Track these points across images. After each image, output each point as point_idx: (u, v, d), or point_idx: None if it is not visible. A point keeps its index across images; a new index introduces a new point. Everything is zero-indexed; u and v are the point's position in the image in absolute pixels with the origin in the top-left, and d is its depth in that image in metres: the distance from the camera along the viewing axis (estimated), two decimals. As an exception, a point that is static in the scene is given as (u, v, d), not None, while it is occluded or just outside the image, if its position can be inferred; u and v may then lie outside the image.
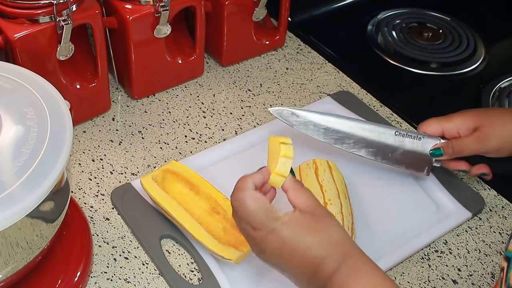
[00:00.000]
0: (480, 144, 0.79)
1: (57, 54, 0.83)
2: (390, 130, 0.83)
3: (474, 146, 0.79)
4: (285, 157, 0.63)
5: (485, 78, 1.09)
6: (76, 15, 0.82)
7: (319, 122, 0.83)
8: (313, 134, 0.83)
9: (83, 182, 0.85)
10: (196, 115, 0.97)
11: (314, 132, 0.83)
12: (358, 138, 0.83)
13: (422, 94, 1.08)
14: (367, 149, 0.83)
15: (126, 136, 0.92)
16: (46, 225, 0.62)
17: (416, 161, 0.83)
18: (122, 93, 0.99)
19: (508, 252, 0.56)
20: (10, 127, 0.61)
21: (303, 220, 0.60)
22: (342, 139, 0.83)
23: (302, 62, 1.09)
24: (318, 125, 0.83)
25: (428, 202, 0.85)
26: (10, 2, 0.79)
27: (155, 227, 0.78)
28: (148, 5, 0.89)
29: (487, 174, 0.83)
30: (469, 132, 0.80)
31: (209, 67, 1.06)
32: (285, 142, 0.64)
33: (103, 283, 0.74)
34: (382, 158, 0.84)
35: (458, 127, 0.80)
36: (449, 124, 0.81)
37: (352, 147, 0.83)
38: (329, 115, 0.83)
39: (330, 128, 0.83)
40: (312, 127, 0.83)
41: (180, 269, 0.76)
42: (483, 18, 1.26)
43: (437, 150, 0.82)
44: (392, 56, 1.13)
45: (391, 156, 0.84)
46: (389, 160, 0.84)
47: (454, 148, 0.80)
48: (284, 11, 1.06)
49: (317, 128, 0.83)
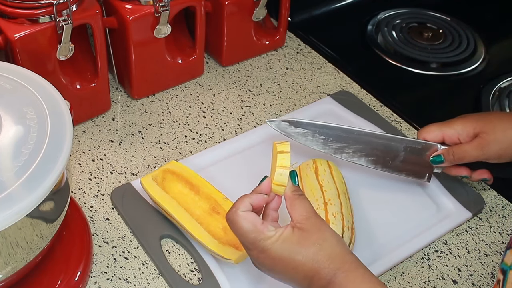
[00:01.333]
0: (481, 151, 0.78)
1: (57, 54, 0.83)
2: (390, 138, 0.82)
3: (475, 153, 0.78)
4: (281, 168, 0.64)
5: (485, 78, 1.09)
6: (76, 15, 0.82)
7: (318, 133, 0.82)
8: (311, 144, 0.83)
9: (83, 182, 0.85)
10: (196, 115, 0.97)
11: (313, 142, 0.82)
12: (358, 148, 0.82)
13: (422, 94, 1.08)
14: (367, 158, 0.83)
15: (126, 136, 0.92)
16: (46, 225, 0.62)
17: (417, 168, 0.83)
18: (122, 93, 0.99)
19: (504, 265, 0.55)
20: (10, 127, 0.61)
21: (292, 237, 0.61)
22: (342, 149, 0.83)
23: (302, 62, 1.09)
24: (316, 136, 0.82)
25: (428, 202, 0.85)
26: (10, 2, 0.79)
27: (155, 227, 0.78)
28: (148, 5, 0.89)
29: (488, 180, 0.83)
30: (470, 138, 0.79)
31: (209, 67, 1.06)
32: (283, 151, 0.65)
33: (103, 283, 0.74)
34: (382, 166, 0.83)
35: (458, 133, 0.80)
36: (450, 130, 0.80)
37: (351, 157, 0.83)
38: (327, 125, 0.82)
39: (329, 138, 0.82)
40: (310, 137, 0.82)
41: (180, 269, 0.76)
42: (483, 18, 1.26)
43: (438, 157, 0.81)
44: (392, 56, 1.13)
45: (391, 164, 0.83)
46: (390, 168, 0.84)
47: (455, 155, 0.79)
48: (284, 11, 1.06)
49: (316, 139, 0.82)
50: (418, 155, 0.82)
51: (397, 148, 0.82)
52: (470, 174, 0.82)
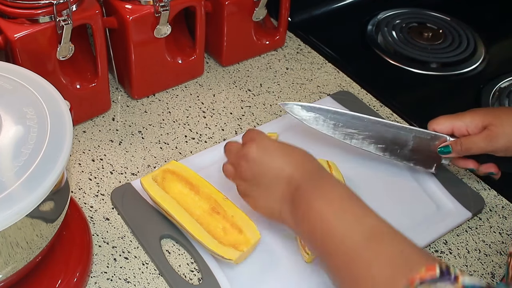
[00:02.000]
0: (488, 143, 0.79)
1: (57, 54, 0.83)
2: (400, 127, 0.84)
3: (482, 144, 0.79)
4: None
5: (485, 78, 1.09)
6: (76, 15, 0.82)
7: (329, 118, 0.84)
8: (322, 129, 0.84)
9: (83, 182, 0.85)
10: (196, 115, 0.97)
11: (324, 127, 0.84)
12: (368, 135, 0.84)
13: (422, 94, 1.08)
14: (376, 145, 0.84)
15: (126, 136, 0.92)
16: (46, 225, 0.62)
17: (425, 158, 0.84)
18: (122, 93, 0.99)
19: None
20: (10, 127, 0.61)
21: (270, 144, 0.71)
22: (351, 135, 0.84)
23: (302, 62, 1.09)
24: (327, 121, 0.84)
25: (428, 202, 0.85)
26: (10, 2, 0.79)
27: (155, 227, 0.78)
28: (148, 5, 0.89)
29: (495, 173, 0.84)
30: (478, 131, 0.80)
31: (209, 67, 1.06)
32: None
33: (103, 283, 0.74)
34: (390, 154, 0.85)
35: (467, 125, 0.81)
36: (459, 122, 0.82)
37: (361, 143, 0.84)
38: (338, 111, 0.84)
39: (339, 124, 0.84)
40: (322, 122, 0.84)
41: (180, 269, 0.76)
42: (483, 18, 1.26)
43: (446, 148, 0.82)
44: (392, 56, 1.13)
45: (400, 153, 0.85)
46: (398, 156, 0.85)
47: (462, 145, 0.81)
48: (284, 11, 1.06)
49: (326, 124, 0.84)
50: (427, 145, 0.83)
51: (406, 137, 0.84)
52: (477, 167, 0.84)
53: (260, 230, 0.75)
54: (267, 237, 0.77)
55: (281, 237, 0.78)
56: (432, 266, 0.53)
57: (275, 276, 0.74)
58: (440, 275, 0.52)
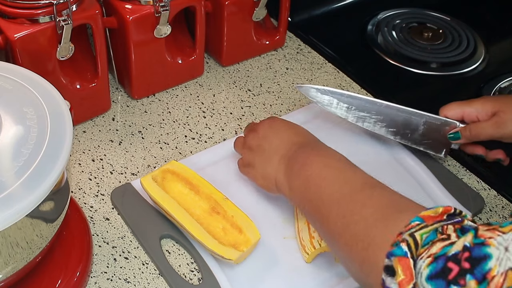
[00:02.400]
0: (497, 129, 0.80)
1: (57, 54, 0.83)
2: (411, 112, 0.86)
3: (491, 130, 0.81)
4: None
5: (485, 78, 1.09)
6: (76, 15, 0.82)
7: (342, 101, 0.87)
8: (336, 111, 0.87)
9: (83, 182, 0.85)
10: (196, 115, 0.97)
11: (337, 109, 0.87)
12: (379, 118, 0.87)
13: (422, 94, 1.08)
14: (388, 128, 0.87)
15: (126, 136, 0.92)
16: (46, 225, 0.62)
17: (435, 143, 0.87)
18: (122, 93, 0.99)
19: None
20: (10, 127, 0.61)
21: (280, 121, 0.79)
22: (364, 118, 0.87)
23: (302, 62, 1.09)
24: (341, 104, 0.87)
25: (428, 201, 0.85)
26: (10, 2, 0.79)
27: (155, 227, 0.78)
28: (148, 5, 0.89)
29: (502, 160, 0.85)
30: (488, 117, 0.82)
31: (209, 67, 1.06)
32: None
33: (103, 283, 0.74)
34: (401, 137, 0.87)
35: (478, 111, 0.83)
36: (469, 108, 0.83)
37: (373, 126, 0.87)
38: (352, 94, 0.87)
39: (352, 107, 0.86)
40: (335, 105, 0.87)
41: (180, 269, 0.76)
42: (483, 18, 1.26)
43: (456, 134, 0.84)
44: (392, 56, 1.13)
45: (410, 137, 0.87)
46: (408, 140, 0.87)
47: (471, 131, 0.83)
48: (284, 11, 1.06)
49: (340, 106, 0.87)
50: (437, 130, 0.86)
51: (417, 122, 0.86)
52: (486, 153, 0.86)
53: (260, 230, 0.75)
54: (267, 237, 0.77)
55: (281, 237, 0.78)
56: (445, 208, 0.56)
57: (275, 276, 0.74)
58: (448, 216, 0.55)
